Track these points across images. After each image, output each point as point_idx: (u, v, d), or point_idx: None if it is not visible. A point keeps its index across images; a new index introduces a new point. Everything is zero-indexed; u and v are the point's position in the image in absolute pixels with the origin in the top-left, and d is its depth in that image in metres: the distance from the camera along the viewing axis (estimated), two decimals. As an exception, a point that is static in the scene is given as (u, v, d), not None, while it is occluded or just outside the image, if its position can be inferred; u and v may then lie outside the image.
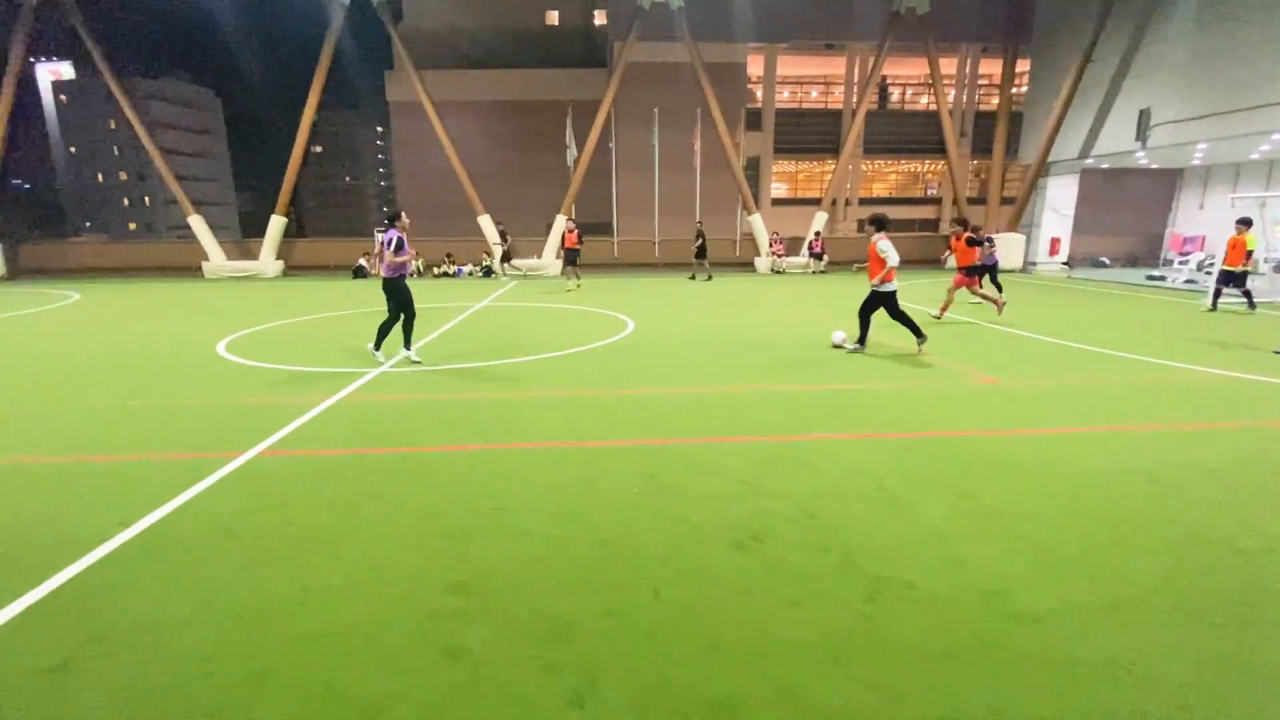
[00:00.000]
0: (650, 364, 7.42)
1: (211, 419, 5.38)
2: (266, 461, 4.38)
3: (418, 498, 3.77)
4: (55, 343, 9.24)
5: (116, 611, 2.67)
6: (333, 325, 10.64)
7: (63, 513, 3.61)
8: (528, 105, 35.04)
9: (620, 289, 16.65)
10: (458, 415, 5.42)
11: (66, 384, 6.66)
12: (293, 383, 6.62)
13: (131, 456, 4.49)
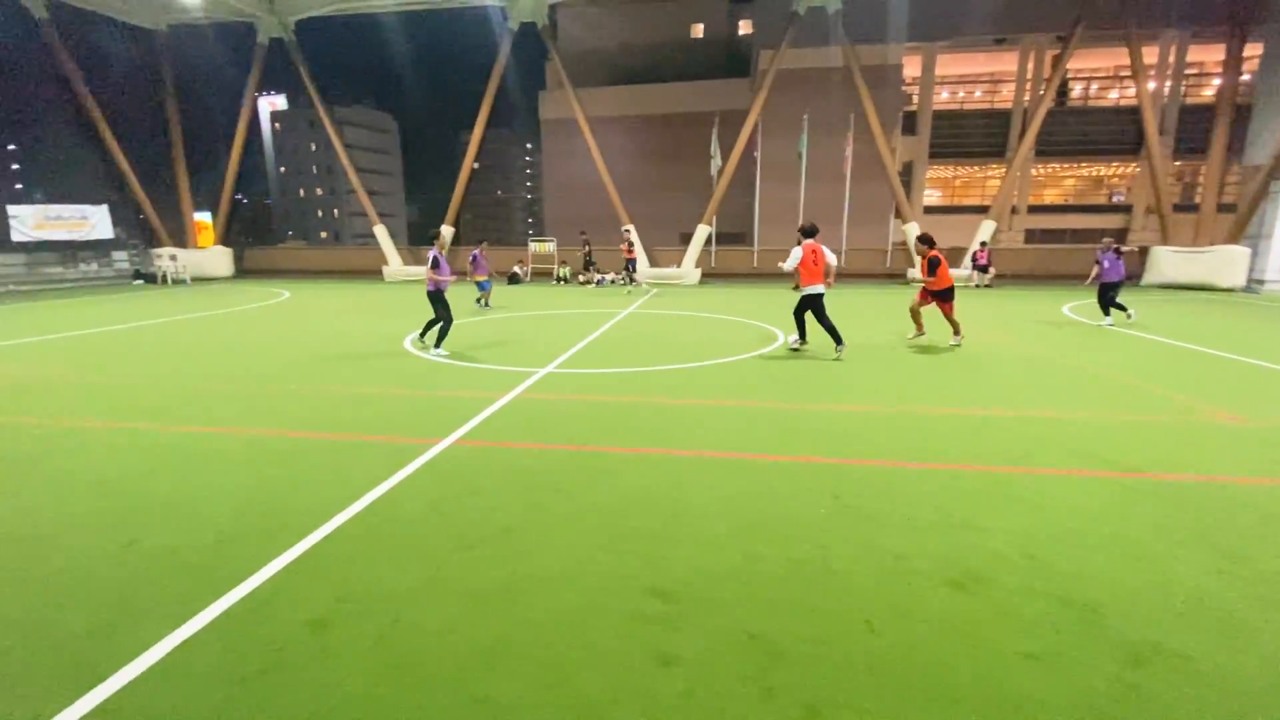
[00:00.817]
0: (811, 377, 7.13)
1: (407, 407, 5.92)
2: (461, 450, 4.71)
3: (603, 497, 3.85)
4: (276, 334, 10.76)
5: (357, 578, 2.96)
6: (495, 326, 11.41)
7: (302, 482, 4.12)
8: (671, 118, 35.71)
9: (763, 299, 16.33)
10: (626, 418, 5.52)
11: (288, 369, 7.69)
12: (470, 377, 7.13)
13: (347, 436, 5.04)
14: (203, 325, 11.89)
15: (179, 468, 4.38)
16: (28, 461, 4.51)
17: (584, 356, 8.37)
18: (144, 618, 2.64)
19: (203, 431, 5.20)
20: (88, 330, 11.23)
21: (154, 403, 6.15)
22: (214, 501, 3.80)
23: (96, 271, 22.45)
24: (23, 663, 2.38)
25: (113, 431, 5.22)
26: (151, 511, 3.68)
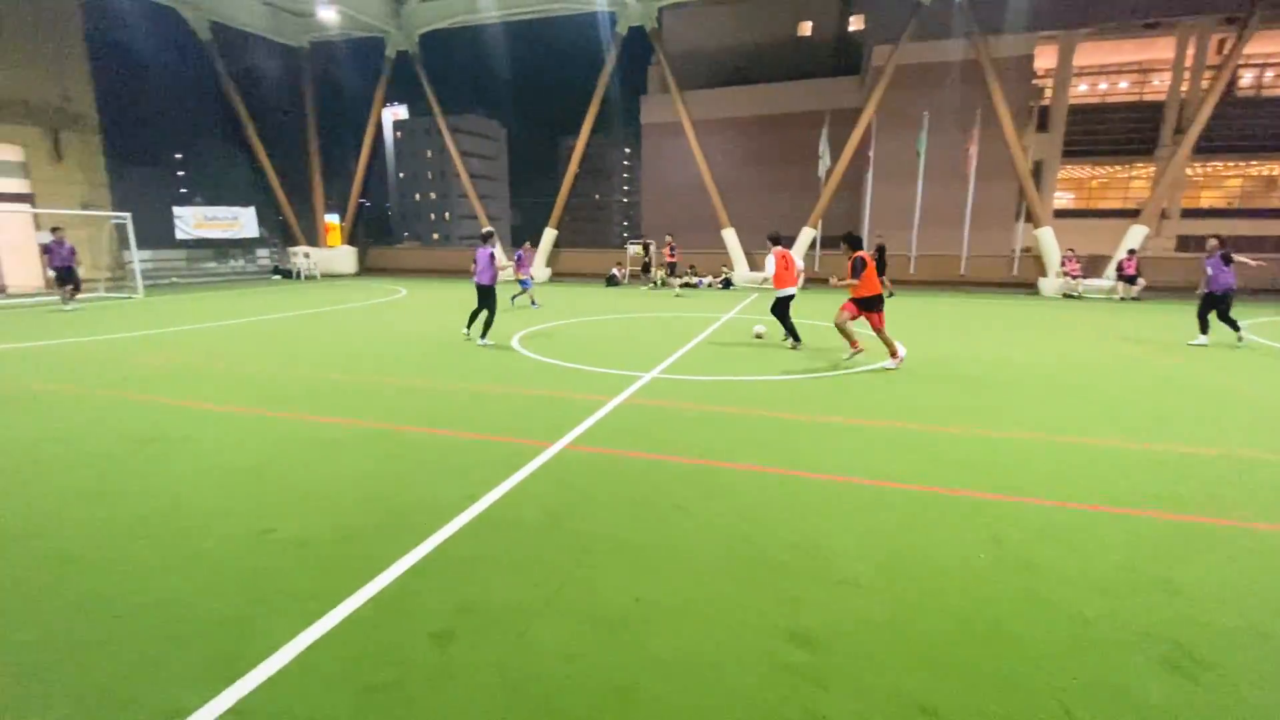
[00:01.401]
0: (944, 396, 6.49)
1: (517, 407, 5.92)
2: (573, 455, 4.60)
3: (724, 517, 3.57)
4: (394, 329, 11.32)
5: (478, 586, 2.86)
6: (595, 328, 11.42)
7: (422, 479, 4.13)
8: (773, 119, 34.84)
9: (873, 307, 15.39)
10: (740, 431, 5.21)
11: (405, 363, 7.99)
12: (576, 379, 7.08)
13: (462, 434, 5.07)
14: (330, 319, 12.73)
15: (308, 457, 4.55)
16: (180, 442, 4.85)
17: (689, 362, 8.12)
18: (277, 612, 2.66)
19: (329, 422, 5.42)
20: (234, 320, 12.34)
21: (286, 392, 6.53)
22: (341, 494, 3.88)
23: (243, 267, 24.88)
24: (169, 646, 2.44)
25: (251, 418, 5.55)
26: (285, 500, 3.80)
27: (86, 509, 3.66)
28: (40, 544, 3.25)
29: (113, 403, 6.04)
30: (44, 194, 18.90)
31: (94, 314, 13.35)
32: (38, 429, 5.19)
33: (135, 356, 8.41)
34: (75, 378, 7.08)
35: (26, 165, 18.71)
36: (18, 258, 18.49)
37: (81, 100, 19.72)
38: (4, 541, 3.28)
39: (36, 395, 6.32)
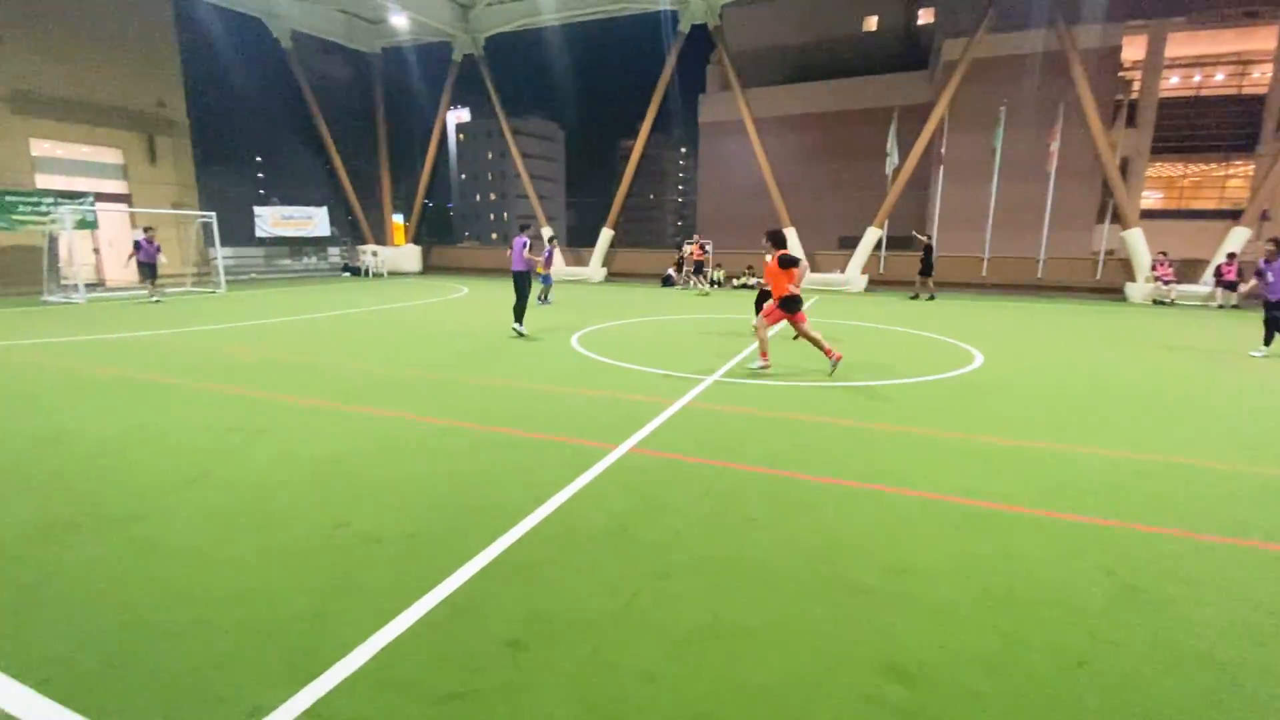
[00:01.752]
0: (1028, 408, 6.06)
1: (581, 407, 5.86)
2: (638, 459, 4.48)
3: (803, 534, 3.38)
4: (457, 326, 11.52)
5: (550, 594, 2.78)
6: (652, 329, 11.30)
7: (489, 479, 4.10)
8: (835, 116, 33.97)
9: (943, 311, 14.72)
10: (814, 441, 4.98)
11: (469, 360, 8.08)
12: (637, 380, 6.97)
13: (526, 433, 5.04)
14: (397, 316, 13.09)
15: (379, 452, 4.60)
16: (261, 434, 5.00)
17: (744, 368, 7.89)
18: (352, 610, 2.64)
19: (397, 417, 5.49)
20: (308, 316, 12.84)
21: (357, 386, 6.68)
22: (412, 491, 3.89)
23: (315, 264, 26.01)
24: (250, 640, 2.44)
25: (326, 411, 5.68)
26: (358, 495, 3.83)
27: (178, 495, 3.79)
28: (136, 528, 3.36)
29: (199, 394, 6.31)
30: (139, 194, 20.25)
31: (182, 307, 14.17)
32: (134, 416, 5.46)
33: (219, 349, 8.82)
34: (166, 368, 7.47)
35: (125, 167, 20.09)
36: (115, 253, 19.85)
37: (174, 106, 21.02)
38: (105, 523, 3.41)
39: (133, 383, 6.67)
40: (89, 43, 18.61)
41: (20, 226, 15.82)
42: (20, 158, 17.52)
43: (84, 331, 10.35)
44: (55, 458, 4.42)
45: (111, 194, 19.66)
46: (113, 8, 19.02)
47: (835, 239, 31.57)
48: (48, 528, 3.36)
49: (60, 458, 4.42)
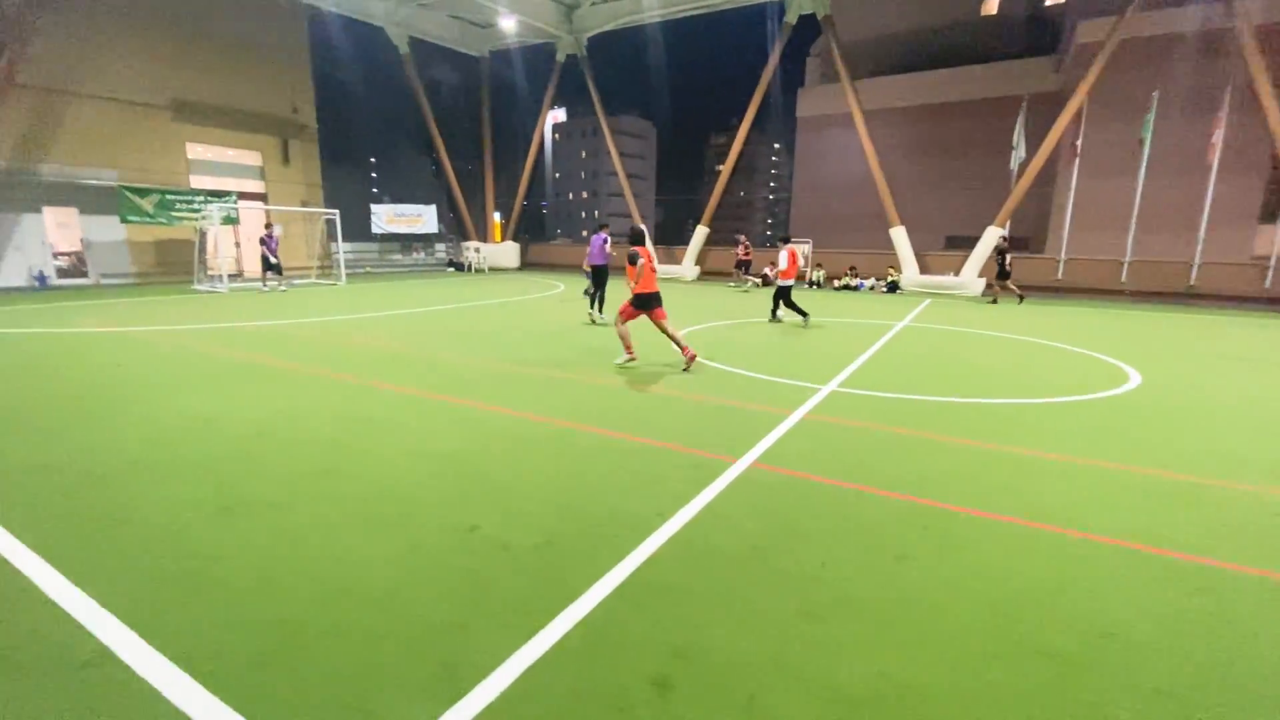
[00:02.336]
0: (1213, 440, 5.24)
1: (693, 414, 5.64)
2: (763, 476, 4.21)
3: (964, 577, 2.99)
4: (558, 322, 11.64)
5: (690, 626, 2.58)
6: (757, 331, 10.91)
7: (611, 487, 3.97)
8: (949, 107, 31.82)
9: (1078, 321, 13.33)
10: (955, 465, 4.51)
11: (574, 358, 8.07)
12: (748, 388, 6.67)
13: (642, 440, 4.88)
14: (500, 311, 13.45)
15: (500, 451, 4.59)
16: (386, 425, 5.15)
17: (870, 375, 7.40)
18: (490, 623, 2.56)
19: (515, 415, 5.49)
20: (421, 309, 13.44)
21: (472, 380, 6.80)
22: (536, 495, 3.82)
23: (423, 260, 27.44)
24: (393, 648, 2.40)
25: (444, 405, 5.80)
26: (485, 496, 3.80)
27: (316, 486, 3.91)
28: (282, 517, 3.48)
29: (328, 383, 6.64)
30: (274, 194, 22.07)
31: (309, 298, 15.25)
32: (273, 402, 5.79)
33: (343, 339, 9.33)
34: (298, 356, 7.96)
35: (262, 168, 21.95)
36: (251, 247, 21.74)
37: (305, 111, 22.73)
38: (255, 510, 3.56)
39: (270, 370, 7.14)
40: (236, 55, 20.45)
41: (177, 222, 17.62)
42: (178, 160, 19.53)
43: (227, 319, 11.31)
44: (209, 440, 4.72)
45: (251, 193, 21.54)
46: (256, 23, 20.80)
47: (942, 238, 29.63)
48: (206, 511, 3.54)
49: (213, 440, 4.72)
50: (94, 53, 17.36)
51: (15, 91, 15.45)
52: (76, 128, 17.25)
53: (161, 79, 18.76)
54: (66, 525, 3.35)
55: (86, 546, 3.13)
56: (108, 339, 9.07)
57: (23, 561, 2.98)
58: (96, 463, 4.24)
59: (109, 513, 3.50)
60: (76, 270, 17.88)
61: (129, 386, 6.30)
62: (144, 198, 16.93)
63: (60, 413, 5.37)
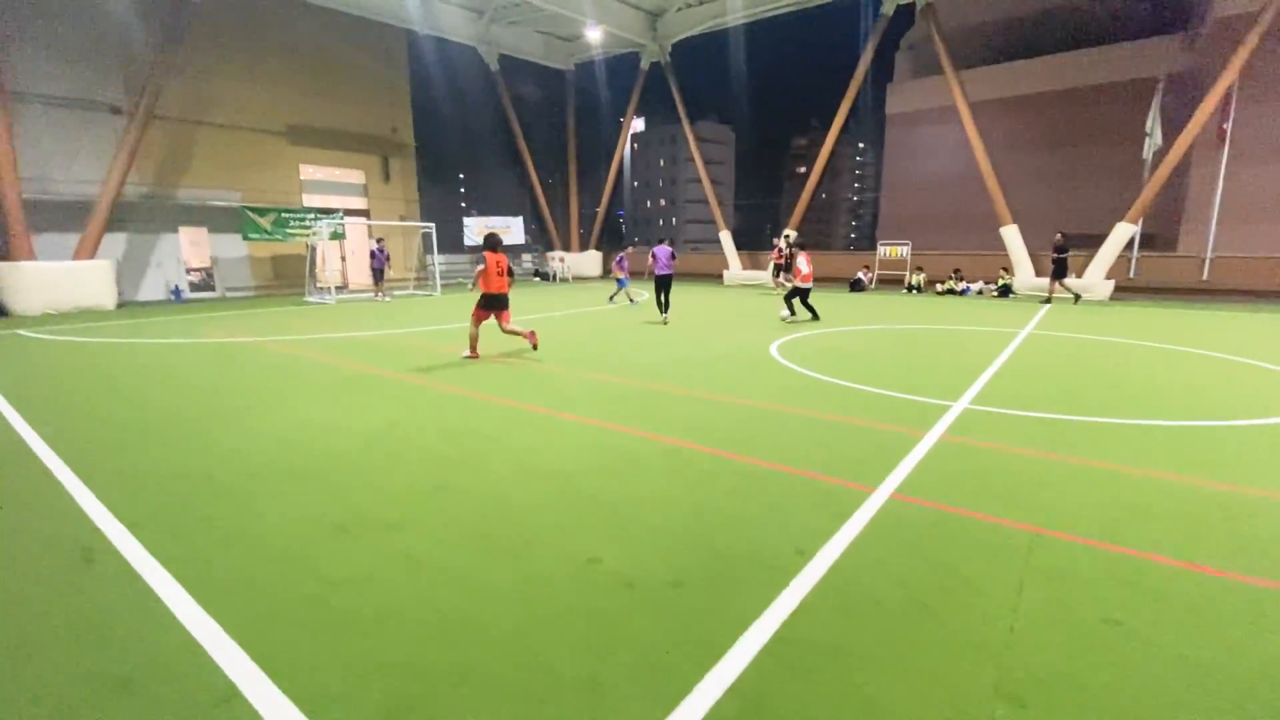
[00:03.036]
0: None
1: (813, 434, 5.17)
2: (908, 511, 3.71)
3: (1207, 651, 2.40)
4: (647, 333, 11.39)
5: (861, 702, 2.16)
6: (862, 340, 10.20)
7: (736, 518, 3.60)
8: (1059, 95, 29.32)
9: (1230, 328, 11.67)
10: (1145, 502, 3.81)
11: (670, 369, 7.75)
12: (867, 404, 6.11)
13: (763, 462, 4.47)
14: (592, 320, 13.39)
15: (612, 471, 4.32)
16: (493, 439, 5.01)
17: (1006, 390, 6.63)
18: (626, 683, 2.25)
19: (620, 430, 5.23)
20: (515, 318, 13.58)
21: (572, 393, 6.63)
22: (656, 523, 3.50)
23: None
24: (526, 707, 2.14)
25: (547, 419, 5.62)
26: (601, 522, 3.53)
27: (428, 504, 3.78)
28: (398, 539, 3.34)
29: (433, 394, 6.65)
30: (375, 209, 23.27)
31: (409, 308, 15.84)
32: (382, 414, 5.82)
33: (444, 349, 9.48)
34: (403, 366, 8.10)
35: (365, 186, 23.20)
36: (354, 261, 23.01)
37: (404, 130, 23.88)
38: (370, 530, 3.45)
39: (378, 380, 7.27)
40: (343, 81, 21.76)
41: (291, 238, 18.86)
42: (292, 181, 20.96)
43: (336, 329, 11.84)
44: (324, 451, 4.74)
45: (355, 209, 22.82)
46: (361, 49, 22.06)
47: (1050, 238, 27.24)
48: (324, 528, 3.46)
49: (327, 451, 4.73)
50: (221, 84, 18.93)
51: (155, 123, 17.04)
52: (206, 154, 18.85)
53: (279, 106, 20.22)
54: (193, 538, 3.36)
55: (212, 564, 3.09)
56: (233, 348, 9.65)
57: (154, 577, 2.96)
58: (222, 471, 4.32)
59: (234, 526, 3.49)
60: (205, 284, 19.51)
61: (252, 394, 6.56)
62: (263, 216, 18.23)
63: (193, 420, 5.61)
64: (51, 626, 2.60)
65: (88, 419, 5.75)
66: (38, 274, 14.70)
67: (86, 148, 16.62)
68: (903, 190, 38.91)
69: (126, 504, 3.81)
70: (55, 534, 3.43)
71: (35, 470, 4.41)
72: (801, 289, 12.33)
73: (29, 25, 15.51)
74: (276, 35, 19.93)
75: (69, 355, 9.21)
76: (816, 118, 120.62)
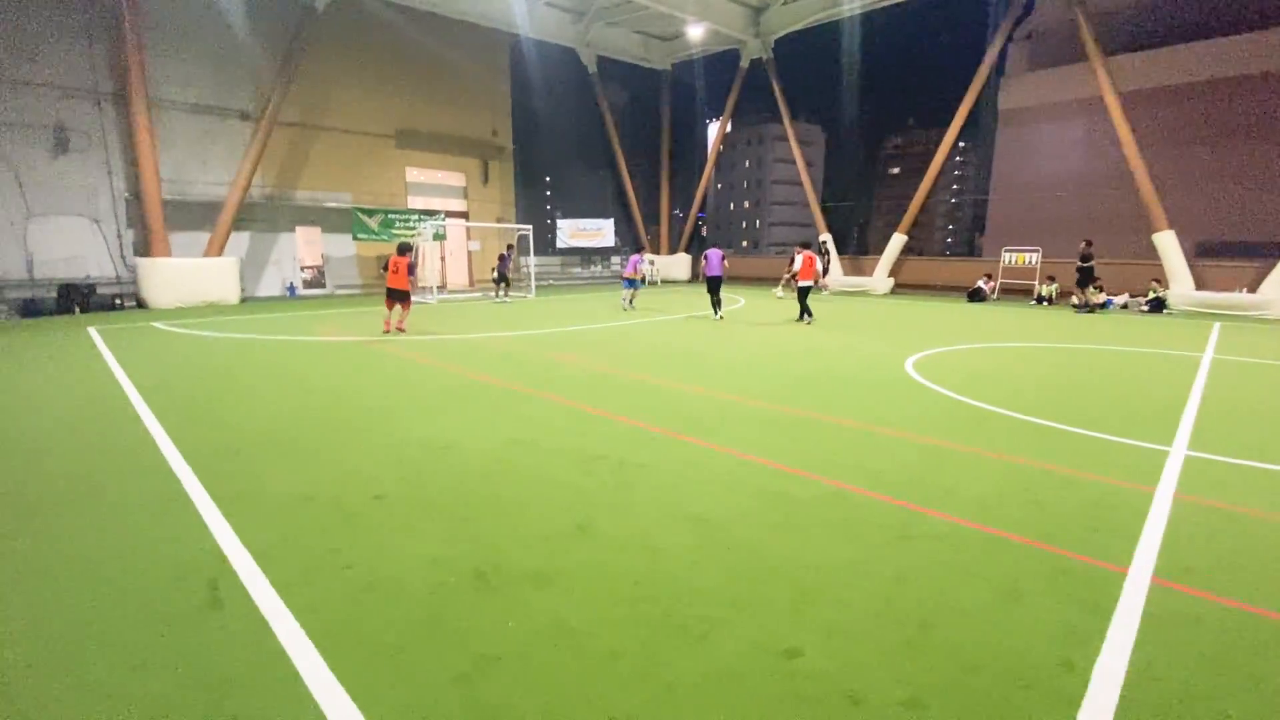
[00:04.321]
0: None
1: (1010, 483, 4.30)
2: (1178, 602, 2.83)
3: None
4: (754, 343, 10.63)
5: None
6: (1016, 358, 9.01)
7: (961, 601, 2.85)
8: (1220, 84, 25.91)
9: None
10: None
11: (804, 390, 6.98)
12: (1063, 445, 5.13)
13: (959, 519, 3.68)
14: (690, 328, 12.77)
15: (771, 520, 3.66)
16: (628, 469, 4.46)
17: (1222, 432, 5.44)
18: None
19: (766, 464, 4.57)
20: (615, 323, 13.21)
21: (698, 413, 6.02)
22: (860, 605, 2.80)
23: (599, 273, 28.02)
24: None
25: (676, 444, 5.03)
26: (785, 594, 2.87)
27: (573, 551, 3.27)
28: (547, 599, 2.84)
29: (550, 407, 6.23)
30: (473, 211, 23.69)
31: (506, 311, 15.83)
32: (503, 429, 5.43)
33: (549, 355, 9.14)
34: (514, 374, 7.78)
35: (465, 189, 23.67)
36: (453, 261, 23.52)
37: (504, 133, 24.20)
38: (512, 582, 2.97)
39: (491, 390, 6.95)
40: (448, 85, 22.27)
41: (396, 238, 19.41)
42: (399, 184, 21.64)
43: (439, 330, 11.83)
44: (448, 473, 4.36)
45: (454, 211, 23.32)
46: (466, 53, 22.51)
47: (1191, 243, 24.03)
48: (461, 576, 3.01)
49: (451, 473, 4.35)
50: (335, 90, 19.76)
51: (279, 129, 17.95)
52: (321, 157, 19.73)
53: (388, 111, 20.91)
54: (326, 580, 2.98)
55: (349, 620, 2.69)
56: (347, 347, 9.73)
57: (286, 632, 2.58)
58: (347, 494, 4.01)
59: (367, 566, 3.11)
60: (317, 281, 20.43)
61: (368, 400, 6.38)
62: (371, 217, 18.86)
63: (312, 429, 5.43)
64: (180, 687, 2.24)
65: (212, 421, 5.70)
66: (173, 270, 15.74)
67: (218, 151, 17.73)
68: (1015, 192, 35.94)
69: (253, 527, 3.53)
70: (183, 559, 3.17)
71: (164, 476, 4.27)
72: (801, 288, 13.05)
73: (169, 39, 16.68)
74: (387, 42, 20.63)
75: (198, 349, 9.56)
76: (913, 115, 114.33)
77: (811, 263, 12.98)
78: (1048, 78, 32.28)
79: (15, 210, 14.84)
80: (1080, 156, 29.32)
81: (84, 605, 2.79)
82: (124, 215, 16.25)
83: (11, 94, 14.58)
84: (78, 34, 15.27)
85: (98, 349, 9.51)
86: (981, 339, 11.23)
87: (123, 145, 15.93)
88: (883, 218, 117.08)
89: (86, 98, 15.53)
